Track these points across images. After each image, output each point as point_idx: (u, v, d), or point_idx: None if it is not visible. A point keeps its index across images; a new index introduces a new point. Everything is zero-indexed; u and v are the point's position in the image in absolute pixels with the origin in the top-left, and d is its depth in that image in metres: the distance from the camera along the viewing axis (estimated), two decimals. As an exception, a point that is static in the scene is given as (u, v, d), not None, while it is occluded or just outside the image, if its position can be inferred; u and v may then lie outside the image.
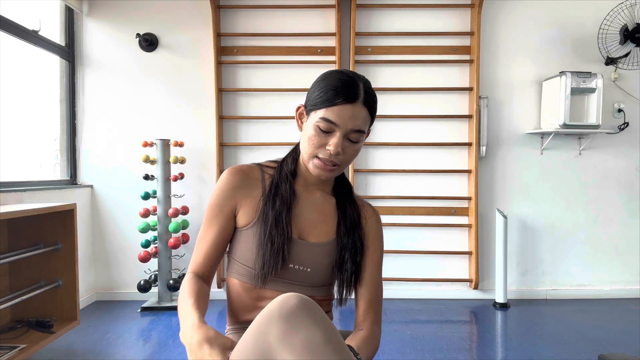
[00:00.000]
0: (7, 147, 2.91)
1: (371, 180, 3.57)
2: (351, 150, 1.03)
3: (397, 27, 3.52)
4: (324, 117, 0.98)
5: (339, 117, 0.97)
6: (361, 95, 0.99)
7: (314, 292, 1.09)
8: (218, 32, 3.46)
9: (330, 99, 0.98)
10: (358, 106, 0.99)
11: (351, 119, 0.98)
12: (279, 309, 0.83)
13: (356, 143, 1.03)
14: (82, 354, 2.52)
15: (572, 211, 3.57)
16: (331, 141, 0.99)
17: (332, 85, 0.99)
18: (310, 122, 1.01)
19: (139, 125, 3.52)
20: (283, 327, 0.82)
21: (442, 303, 3.45)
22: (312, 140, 1.01)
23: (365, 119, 1.01)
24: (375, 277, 1.12)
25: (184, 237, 3.33)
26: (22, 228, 2.44)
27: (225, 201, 1.07)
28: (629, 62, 3.44)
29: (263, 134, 3.53)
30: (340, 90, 0.98)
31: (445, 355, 2.49)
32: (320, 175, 1.04)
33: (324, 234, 1.10)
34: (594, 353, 2.48)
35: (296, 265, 1.07)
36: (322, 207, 1.12)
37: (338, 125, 0.98)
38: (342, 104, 0.97)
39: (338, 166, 1.03)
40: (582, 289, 3.58)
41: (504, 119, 3.55)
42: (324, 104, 0.98)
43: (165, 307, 3.25)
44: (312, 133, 1.00)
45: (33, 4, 3.23)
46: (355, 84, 1.00)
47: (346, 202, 1.13)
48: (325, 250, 1.09)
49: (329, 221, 1.11)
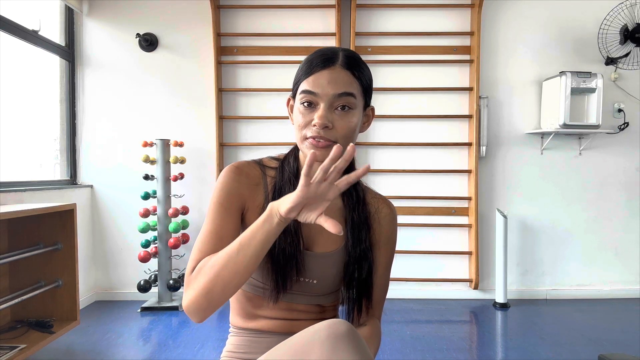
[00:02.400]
0: (7, 147, 2.91)
1: (371, 180, 3.56)
2: (344, 123, 0.91)
3: (397, 27, 3.52)
4: (303, 90, 0.92)
5: (316, 84, 0.90)
6: (339, 59, 0.92)
7: (320, 300, 1.05)
8: (218, 32, 3.46)
9: (307, 70, 0.92)
10: (337, 69, 0.91)
11: (330, 83, 0.90)
12: (327, 332, 0.81)
13: (347, 113, 0.92)
14: (82, 354, 2.52)
15: (572, 211, 3.57)
16: (316, 115, 0.91)
17: (309, 58, 0.94)
18: (296, 105, 0.95)
19: (139, 125, 3.52)
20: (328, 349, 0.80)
21: (442, 303, 3.45)
22: (298, 120, 0.93)
23: (348, 82, 0.91)
24: (383, 279, 1.07)
25: (184, 237, 3.33)
26: (22, 228, 2.43)
27: (233, 196, 0.98)
28: (629, 62, 3.44)
29: (263, 134, 3.53)
30: (316, 59, 0.92)
31: (445, 355, 2.49)
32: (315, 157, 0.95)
33: (330, 243, 1.02)
34: (594, 353, 2.48)
35: (301, 277, 1.00)
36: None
37: (317, 93, 0.90)
38: (319, 70, 0.91)
39: (333, 143, 0.91)
40: (582, 289, 3.58)
41: (504, 119, 3.55)
42: (302, 78, 0.93)
43: (165, 307, 3.25)
44: (297, 113, 0.94)
45: (33, 4, 3.23)
46: (332, 51, 0.93)
47: (354, 208, 1.03)
48: (331, 260, 1.02)
49: None
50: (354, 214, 1.02)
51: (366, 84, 0.96)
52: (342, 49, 0.95)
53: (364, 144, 3.52)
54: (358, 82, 0.93)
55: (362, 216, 1.03)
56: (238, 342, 1.08)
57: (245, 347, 1.06)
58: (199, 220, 3.52)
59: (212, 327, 2.90)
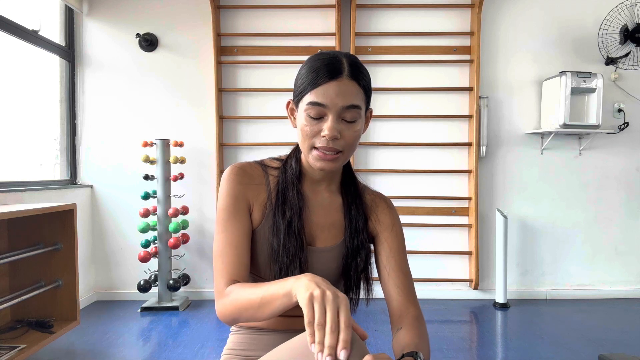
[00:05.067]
0: (7, 147, 2.91)
1: (371, 180, 3.56)
2: (350, 132, 0.93)
3: (397, 27, 3.52)
4: (311, 102, 0.91)
5: (325, 97, 0.90)
6: (345, 69, 0.91)
7: None
8: (218, 32, 3.46)
9: (313, 80, 0.91)
10: (344, 81, 0.91)
11: (339, 95, 0.90)
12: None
13: (354, 123, 0.94)
14: (82, 354, 2.52)
15: (572, 211, 3.57)
16: (325, 126, 0.91)
17: (313, 67, 0.92)
18: (300, 113, 0.95)
19: (139, 125, 3.52)
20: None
21: (442, 303, 3.45)
22: (305, 130, 0.94)
23: (355, 94, 0.92)
24: (402, 265, 1.04)
25: (184, 237, 3.33)
26: (22, 228, 2.43)
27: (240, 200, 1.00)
28: (629, 62, 3.44)
29: (263, 134, 3.53)
30: (322, 69, 0.91)
31: (445, 355, 2.49)
32: (323, 167, 0.95)
33: (331, 238, 1.05)
34: (594, 353, 2.48)
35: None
36: (329, 208, 1.06)
37: (327, 105, 0.91)
38: (326, 82, 0.90)
39: (341, 153, 0.94)
40: (582, 289, 3.58)
41: (504, 119, 3.56)
42: (308, 89, 0.92)
43: (165, 307, 3.25)
44: (304, 123, 0.94)
45: (33, 4, 3.23)
46: (337, 60, 0.92)
47: (352, 201, 1.06)
48: (332, 255, 1.04)
49: (336, 224, 1.06)
50: (352, 206, 1.06)
51: (368, 88, 0.97)
52: (345, 55, 0.95)
53: (364, 144, 3.52)
54: (362, 90, 0.94)
55: (360, 208, 1.06)
56: (239, 340, 1.09)
57: (246, 344, 1.07)
58: (199, 220, 3.52)
59: (212, 327, 2.90)
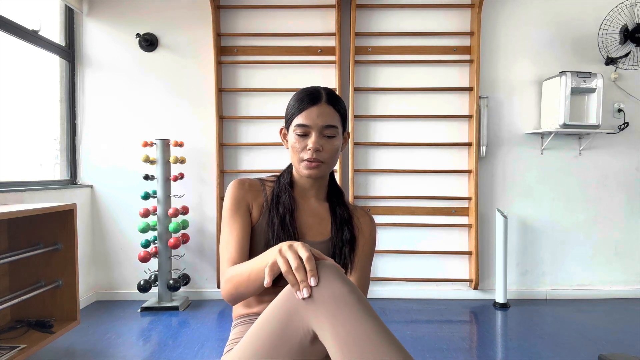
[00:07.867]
0: (7, 147, 2.91)
1: (371, 180, 3.57)
2: (330, 146, 1.17)
3: (397, 27, 3.52)
4: (298, 124, 1.16)
5: (308, 118, 1.15)
6: (324, 97, 1.17)
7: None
8: (218, 32, 3.46)
9: (299, 107, 1.17)
10: (323, 105, 1.16)
11: (319, 116, 1.15)
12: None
13: (332, 138, 1.18)
14: (82, 354, 2.52)
15: (572, 211, 3.57)
16: (309, 141, 1.16)
17: (299, 98, 1.18)
18: (291, 134, 1.19)
19: (139, 125, 3.52)
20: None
21: (442, 303, 3.45)
22: (295, 146, 1.18)
23: (332, 116, 1.17)
24: (365, 268, 1.24)
25: (184, 237, 3.33)
26: (22, 228, 2.44)
27: (241, 201, 1.21)
28: (629, 62, 3.44)
29: (263, 134, 3.53)
30: (305, 98, 1.17)
31: (445, 355, 2.49)
32: (310, 174, 1.18)
33: (320, 234, 1.24)
34: (594, 353, 2.48)
35: None
36: (317, 211, 1.26)
37: (310, 125, 1.15)
38: (309, 107, 1.16)
39: (322, 163, 1.17)
40: (582, 289, 3.59)
41: (504, 119, 3.55)
42: (295, 114, 1.17)
43: (165, 307, 3.25)
44: (294, 140, 1.17)
45: (33, 4, 3.23)
46: (316, 90, 1.18)
47: (337, 205, 1.28)
48: (322, 248, 1.21)
49: (324, 223, 1.25)
50: (337, 208, 1.27)
51: (343, 113, 1.22)
52: (323, 88, 1.20)
53: (364, 144, 3.52)
54: (338, 114, 1.19)
55: (345, 212, 1.27)
56: (241, 330, 1.18)
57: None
58: (199, 220, 3.52)
59: (212, 327, 2.90)
